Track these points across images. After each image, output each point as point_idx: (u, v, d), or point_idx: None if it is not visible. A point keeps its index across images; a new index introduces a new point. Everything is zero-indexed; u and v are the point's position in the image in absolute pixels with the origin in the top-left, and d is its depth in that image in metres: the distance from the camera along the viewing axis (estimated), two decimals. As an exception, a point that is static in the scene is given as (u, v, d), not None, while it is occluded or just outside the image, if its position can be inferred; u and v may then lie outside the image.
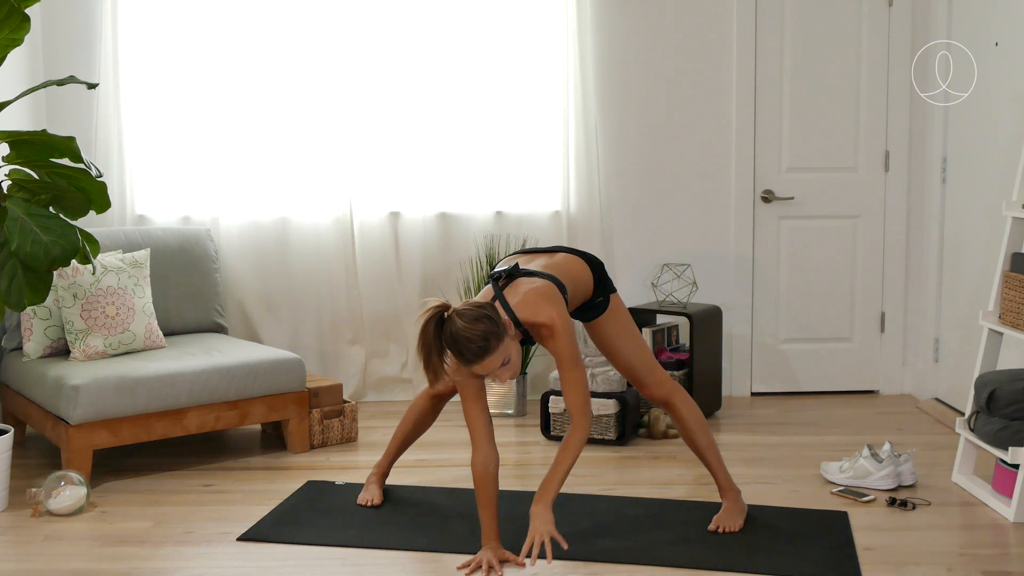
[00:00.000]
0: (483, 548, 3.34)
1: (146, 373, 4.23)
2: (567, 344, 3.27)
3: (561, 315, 3.28)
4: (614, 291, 3.66)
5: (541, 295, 3.30)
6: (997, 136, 4.79)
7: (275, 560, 3.41)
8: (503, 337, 3.17)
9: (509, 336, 3.21)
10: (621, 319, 3.64)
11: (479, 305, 3.19)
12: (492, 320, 3.15)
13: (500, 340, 3.16)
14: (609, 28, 5.45)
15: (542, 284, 3.36)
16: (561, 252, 3.61)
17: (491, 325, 3.14)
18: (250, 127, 5.37)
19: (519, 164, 5.47)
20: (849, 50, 5.47)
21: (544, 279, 3.39)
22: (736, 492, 3.70)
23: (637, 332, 3.67)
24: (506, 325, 3.20)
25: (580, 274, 3.54)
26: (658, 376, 3.66)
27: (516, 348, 3.24)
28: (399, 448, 4.02)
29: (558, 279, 3.41)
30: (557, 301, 3.31)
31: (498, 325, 3.16)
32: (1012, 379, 3.85)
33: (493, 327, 3.15)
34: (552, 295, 3.32)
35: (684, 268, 5.48)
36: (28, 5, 3.28)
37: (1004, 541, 3.52)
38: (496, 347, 3.15)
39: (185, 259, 5.05)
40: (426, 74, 5.40)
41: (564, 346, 3.27)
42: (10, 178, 3.44)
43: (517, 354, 3.24)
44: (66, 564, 3.40)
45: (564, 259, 3.56)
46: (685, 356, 5.14)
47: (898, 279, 5.59)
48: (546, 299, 3.29)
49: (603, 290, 3.62)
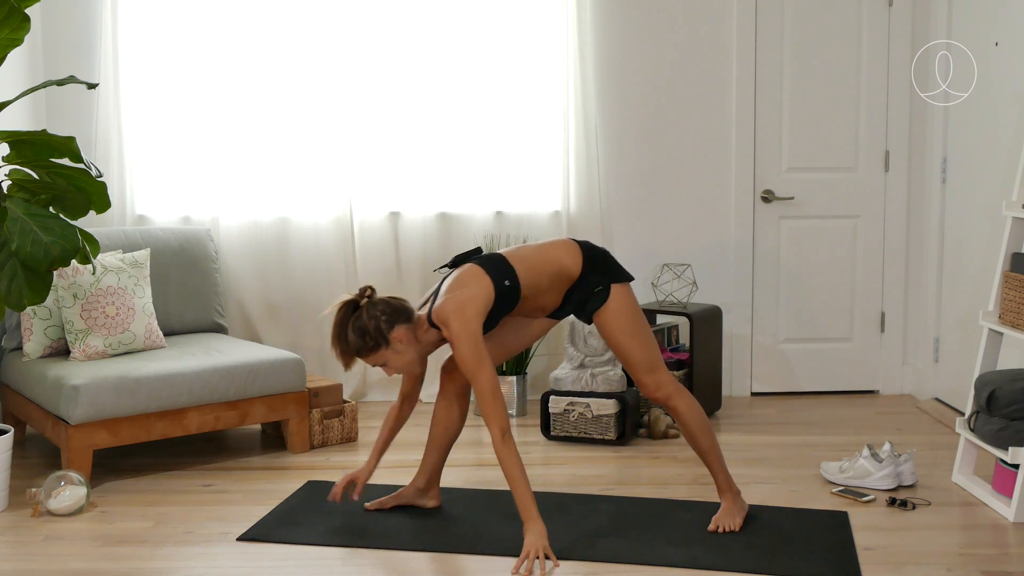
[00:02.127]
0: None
1: (146, 373, 4.23)
2: (466, 353, 3.31)
3: (463, 328, 3.31)
4: (620, 281, 3.57)
5: (457, 303, 3.35)
6: (997, 136, 4.79)
7: (275, 560, 3.41)
8: (379, 349, 3.38)
9: (393, 348, 3.39)
10: (624, 313, 3.56)
11: (384, 312, 3.37)
12: (372, 335, 3.35)
13: (373, 351, 3.38)
14: (609, 28, 5.45)
15: (463, 294, 3.37)
16: (562, 240, 3.63)
17: (368, 341, 3.35)
18: (250, 127, 5.37)
19: (519, 164, 5.47)
20: (849, 50, 5.47)
21: (478, 284, 3.39)
22: (735, 493, 3.69)
23: (643, 329, 3.59)
24: (395, 339, 3.37)
25: (561, 258, 3.53)
26: (659, 377, 3.61)
27: (401, 356, 3.41)
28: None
29: (513, 273, 3.44)
30: (468, 314, 3.33)
31: (377, 339, 3.35)
32: (1012, 379, 3.85)
33: (369, 342, 3.36)
34: (464, 306, 3.34)
35: (684, 268, 5.48)
36: (28, 5, 3.28)
37: (1004, 541, 3.52)
38: (367, 356, 3.38)
39: (185, 259, 5.05)
40: (426, 74, 5.40)
41: (462, 354, 3.32)
42: (10, 178, 3.44)
43: (403, 361, 3.42)
44: (66, 564, 3.40)
45: (549, 244, 3.59)
46: (685, 356, 5.14)
47: (898, 279, 5.59)
48: (457, 310, 3.33)
49: (601, 279, 3.55)
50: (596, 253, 3.60)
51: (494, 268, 3.45)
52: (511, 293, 3.46)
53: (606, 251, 3.64)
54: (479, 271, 3.44)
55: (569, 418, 4.77)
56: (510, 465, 3.31)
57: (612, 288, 3.56)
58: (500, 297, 3.44)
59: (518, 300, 3.50)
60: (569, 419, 4.77)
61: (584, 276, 3.55)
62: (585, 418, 4.73)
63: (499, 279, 3.43)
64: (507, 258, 3.50)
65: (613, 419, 4.69)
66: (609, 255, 3.63)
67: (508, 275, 3.45)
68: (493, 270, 3.44)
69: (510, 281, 3.45)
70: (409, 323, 3.43)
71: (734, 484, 3.70)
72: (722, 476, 3.67)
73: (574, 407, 4.75)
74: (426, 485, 3.83)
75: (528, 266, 3.49)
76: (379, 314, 3.37)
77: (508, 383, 5.22)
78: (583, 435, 4.74)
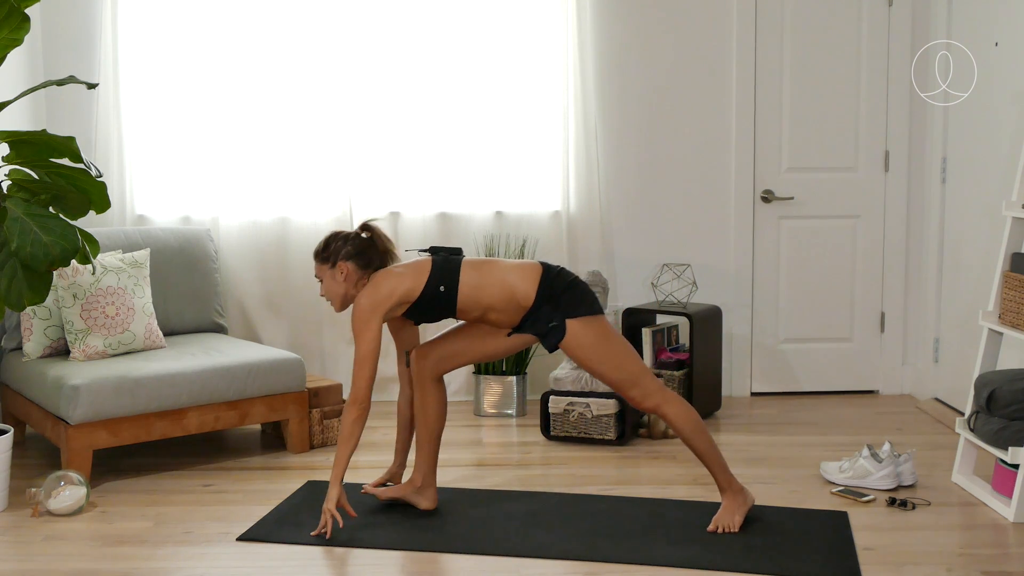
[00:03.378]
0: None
1: (146, 373, 4.23)
2: (355, 318, 3.53)
3: (367, 302, 3.53)
4: (577, 316, 3.56)
5: (381, 277, 3.58)
6: (997, 136, 4.79)
7: (275, 560, 3.41)
8: (325, 263, 3.65)
9: (333, 273, 3.64)
10: (586, 345, 3.56)
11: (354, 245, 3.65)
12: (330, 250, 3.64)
13: (322, 262, 3.66)
14: (609, 28, 5.45)
15: (392, 274, 3.59)
16: (534, 263, 3.64)
17: (324, 251, 3.65)
18: (250, 127, 5.37)
19: (519, 164, 5.47)
20: (849, 50, 5.47)
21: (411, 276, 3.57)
22: (736, 491, 3.67)
23: (612, 354, 3.58)
24: (339, 266, 3.63)
25: (514, 284, 3.56)
26: (645, 388, 3.61)
27: (335, 284, 3.65)
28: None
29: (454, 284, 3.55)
30: (381, 290, 3.54)
31: (330, 256, 3.64)
32: (1012, 379, 3.85)
33: (324, 252, 3.65)
34: (381, 284, 3.55)
35: (684, 268, 5.48)
36: (28, 5, 3.28)
37: (1004, 541, 3.52)
38: (317, 263, 3.68)
39: (185, 259, 5.05)
40: (426, 74, 5.40)
41: (353, 316, 3.54)
42: (10, 178, 3.44)
43: (333, 289, 3.66)
44: (66, 564, 3.40)
45: (511, 267, 3.61)
46: (685, 356, 5.14)
47: (898, 279, 5.59)
48: (375, 282, 3.57)
49: (554, 313, 3.56)
50: (556, 285, 3.58)
51: (439, 271, 3.58)
52: (442, 299, 3.57)
53: (573, 283, 3.61)
54: (425, 267, 3.60)
55: (569, 418, 4.77)
56: (342, 428, 3.54)
57: (568, 324, 3.56)
58: (429, 299, 3.57)
59: (453, 309, 3.60)
60: (569, 419, 4.77)
61: (536, 307, 3.57)
62: (585, 418, 4.73)
63: (435, 283, 3.57)
64: (463, 269, 3.59)
65: (613, 419, 4.69)
66: (575, 287, 3.60)
67: (448, 283, 3.56)
68: (437, 272, 3.58)
69: (446, 288, 3.56)
70: (362, 269, 3.66)
71: (735, 481, 3.69)
72: (722, 475, 3.67)
73: (574, 407, 4.75)
74: (423, 483, 3.84)
75: (478, 283, 3.58)
76: (350, 244, 3.65)
77: (508, 383, 5.23)
78: (583, 435, 4.74)
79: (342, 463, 3.54)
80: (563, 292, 3.57)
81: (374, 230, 3.71)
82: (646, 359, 5.11)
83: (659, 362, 5.11)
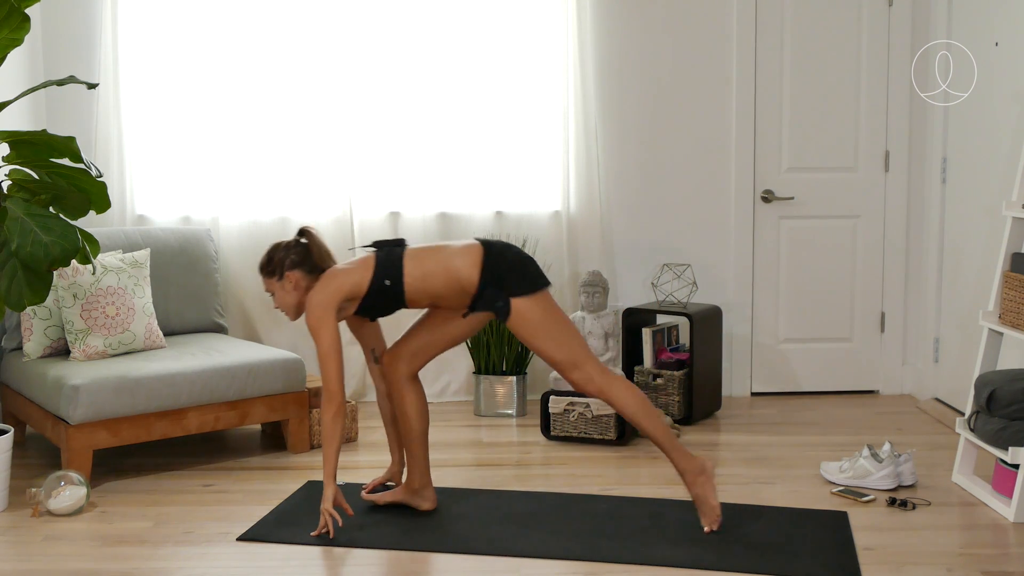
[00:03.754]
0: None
1: (146, 373, 4.23)
2: (309, 318, 3.55)
3: (317, 300, 3.55)
4: (521, 294, 3.54)
5: (327, 277, 3.60)
6: (997, 136, 4.79)
7: (275, 560, 3.41)
8: (272, 277, 3.68)
9: (282, 285, 3.67)
10: (531, 323, 3.54)
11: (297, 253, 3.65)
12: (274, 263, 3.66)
13: (268, 276, 3.69)
14: (609, 28, 5.45)
15: (339, 272, 3.60)
16: (475, 244, 3.62)
17: (268, 265, 3.68)
18: (250, 127, 5.37)
19: (519, 164, 5.47)
20: (849, 50, 5.47)
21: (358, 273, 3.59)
22: (695, 470, 3.56)
23: (556, 332, 3.56)
24: (286, 276, 3.65)
25: (459, 269, 3.56)
26: (586, 372, 3.57)
27: (285, 295, 3.67)
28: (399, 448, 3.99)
29: (399, 275, 3.56)
30: (329, 289, 3.56)
31: (275, 269, 3.66)
32: (1012, 379, 3.85)
33: (269, 266, 3.68)
34: (328, 283, 3.58)
35: (684, 268, 5.48)
36: (28, 5, 3.28)
37: (1004, 541, 3.52)
38: (265, 279, 3.71)
39: (185, 259, 5.05)
40: (426, 74, 5.40)
41: (307, 318, 3.57)
42: (10, 178, 3.44)
43: (285, 300, 3.68)
44: (66, 564, 3.40)
45: (453, 251, 3.60)
46: (685, 356, 5.14)
47: (898, 279, 5.59)
48: (323, 282, 3.59)
49: (499, 294, 3.53)
50: (499, 264, 3.55)
51: (383, 265, 3.60)
52: (390, 292, 3.59)
53: (514, 261, 3.58)
54: (369, 262, 3.62)
55: (569, 418, 4.77)
56: (323, 427, 3.54)
57: (512, 304, 3.54)
58: (377, 293, 3.59)
59: (402, 300, 3.62)
60: (569, 419, 4.77)
61: (481, 289, 3.56)
62: (585, 418, 4.73)
63: (380, 277, 3.59)
64: (405, 260, 3.60)
65: (613, 419, 4.69)
66: (517, 263, 3.57)
67: (393, 276, 3.58)
68: (381, 266, 3.60)
69: (392, 281, 3.58)
70: (308, 274, 3.67)
71: (691, 460, 3.57)
72: (676, 455, 3.57)
73: (574, 407, 4.75)
74: (419, 484, 3.83)
75: (422, 274, 3.59)
76: (293, 253, 3.67)
77: (508, 383, 5.23)
78: (583, 435, 4.74)
79: (331, 462, 3.55)
80: (506, 272, 3.55)
81: (310, 235, 3.71)
82: (646, 359, 5.12)
83: (659, 362, 5.11)
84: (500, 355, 5.25)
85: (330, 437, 3.53)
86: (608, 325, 4.86)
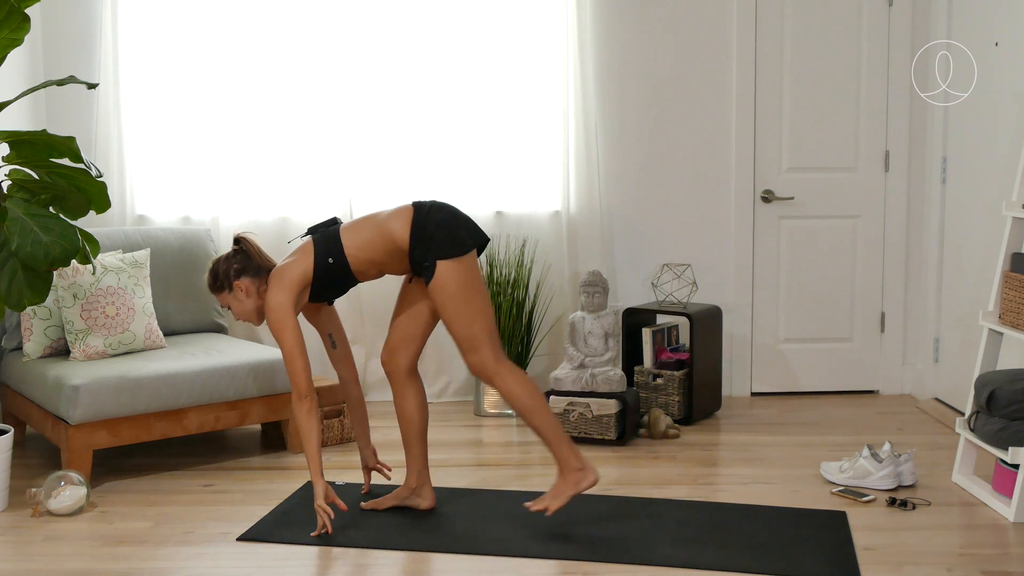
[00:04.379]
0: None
1: (146, 373, 4.23)
2: (270, 318, 3.56)
3: (271, 298, 3.56)
4: (448, 257, 3.50)
5: (275, 274, 3.61)
6: (997, 136, 4.79)
7: (275, 560, 3.42)
8: (223, 291, 3.70)
9: (235, 295, 3.68)
10: (448, 290, 3.49)
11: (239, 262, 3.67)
12: (220, 278, 3.69)
13: (219, 291, 3.71)
14: (609, 28, 5.45)
15: (283, 267, 3.61)
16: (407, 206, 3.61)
17: (216, 281, 3.70)
18: (250, 127, 5.37)
19: (519, 164, 5.47)
20: (849, 50, 5.47)
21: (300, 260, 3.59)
22: (573, 469, 3.56)
23: (467, 305, 3.51)
24: (235, 286, 3.68)
25: (392, 231, 3.55)
26: (480, 356, 3.54)
27: (241, 304, 3.69)
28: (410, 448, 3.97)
29: (339, 251, 3.57)
30: (282, 284, 3.57)
31: (223, 282, 3.68)
32: (1012, 379, 3.85)
33: (217, 283, 3.70)
34: (279, 278, 3.58)
35: (684, 268, 5.48)
36: (28, 5, 3.28)
37: (1004, 541, 3.52)
38: (217, 295, 3.73)
39: (185, 259, 5.05)
40: (426, 74, 5.40)
41: (268, 319, 3.57)
42: (10, 178, 3.44)
43: (242, 309, 3.70)
44: (66, 564, 3.40)
45: (387, 216, 3.59)
46: (685, 356, 5.14)
47: (898, 279, 5.59)
48: (273, 279, 3.60)
49: (426, 254, 3.51)
50: (427, 225, 3.52)
51: (322, 246, 3.60)
52: (335, 269, 3.60)
53: (444, 220, 3.53)
54: (308, 247, 3.63)
55: (569, 418, 4.77)
56: (299, 426, 3.55)
57: (438, 265, 3.50)
58: (323, 273, 3.59)
59: (350, 275, 3.63)
60: (569, 419, 4.77)
61: (412, 248, 3.54)
62: (585, 418, 4.73)
63: (322, 257, 3.59)
64: (342, 234, 3.61)
65: (613, 419, 4.69)
66: (445, 224, 3.52)
67: (334, 252, 3.59)
68: (320, 247, 3.60)
69: (334, 259, 3.58)
70: (256, 277, 3.69)
71: (575, 459, 3.57)
72: (560, 450, 3.56)
73: (574, 407, 4.75)
74: (417, 482, 3.84)
75: (361, 244, 3.59)
76: (234, 263, 3.68)
77: (508, 383, 5.22)
78: (583, 435, 4.74)
79: (315, 459, 3.55)
80: (435, 231, 3.51)
81: (245, 240, 3.73)
82: (646, 359, 5.12)
83: (659, 362, 5.11)
84: (500, 355, 5.24)
85: (309, 434, 3.53)
86: (608, 325, 4.86)
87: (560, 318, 5.51)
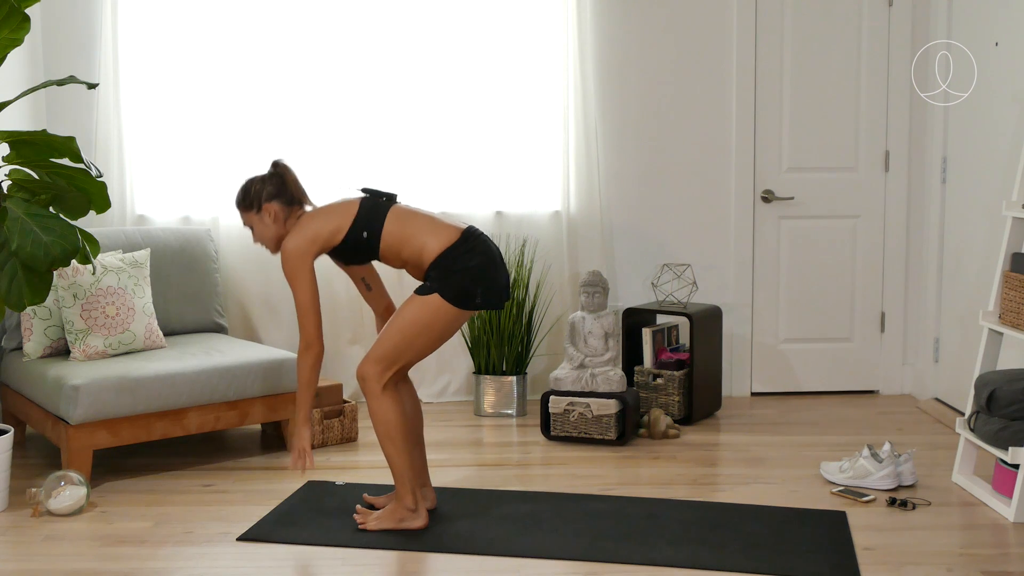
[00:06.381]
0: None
1: (146, 373, 4.23)
2: (284, 265, 3.53)
3: (293, 247, 3.51)
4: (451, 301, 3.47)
5: (307, 219, 3.58)
6: (997, 136, 4.79)
7: (275, 560, 3.42)
8: (250, 210, 3.64)
9: (261, 217, 3.62)
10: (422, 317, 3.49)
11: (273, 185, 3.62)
12: (251, 196, 3.63)
13: (246, 210, 3.65)
14: (609, 28, 5.45)
15: (318, 215, 3.57)
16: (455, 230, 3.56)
17: (246, 198, 3.64)
18: (250, 127, 5.37)
19: (519, 164, 5.47)
20: (849, 50, 5.47)
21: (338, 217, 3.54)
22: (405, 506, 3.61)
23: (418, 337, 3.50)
24: (264, 208, 3.61)
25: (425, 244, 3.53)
26: (378, 371, 3.51)
27: (264, 228, 3.63)
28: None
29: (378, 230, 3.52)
30: (307, 232, 3.52)
31: (253, 201, 3.62)
32: (1012, 379, 3.85)
33: (246, 199, 3.64)
34: (307, 225, 3.54)
35: (684, 268, 5.48)
36: (28, 5, 3.28)
37: (1004, 541, 3.52)
38: (242, 212, 3.67)
39: (185, 259, 5.05)
40: (426, 74, 5.40)
41: (283, 264, 3.54)
42: (10, 178, 3.44)
43: (264, 233, 3.64)
44: (66, 564, 3.40)
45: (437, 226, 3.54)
46: (685, 356, 5.14)
47: (898, 279, 5.59)
48: (301, 225, 3.56)
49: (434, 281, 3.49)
50: (457, 260, 3.50)
51: (366, 215, 3.55)
52: (364, 245, 3.55)
53: (475, 269, 3.50)
54: (351, 208, 3.57)
55: (569, 418, 4.77)
56: (299, 373, 3.55)
57: (434, 295, 3.49)
58: (353, 243, 3.55)
59: (376, 254, 3.59)
60: (569, 419, 4.77)
61: (430, 268, 3.53)
62: (585, 418, 4.73)
63: (360, 227, 3.54)
64: (389, 217, 3.56)
65: (613, 419, 4.69)
66: (473, 274, 3.49)
67: (372, 229, 3.54)
68: (363, 216, 3.55)
69: (369, 234, 3.54)
70: (286, 205, 3.63)
71: (410, 499, 3.61)
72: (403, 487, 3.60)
73: (574, 407, 4.75)
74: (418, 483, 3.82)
75: (402, 235, 3.55)
76: (269, 184, 3.63)
77: (508, 383, 5.23)
78: (583, 435, 4.74)
79: (306, 407, 3.56)
80: (458, 271, 3.50)
81: (283, 167, 3.67)
82: (646, 359, 5.12)
83: (659, 362, 5.11)
84: (500, 355, 5.25)
85: (307, 384, 3.54)
86: (608, 325, 4.86)
87: (560, 318, 5.51)
